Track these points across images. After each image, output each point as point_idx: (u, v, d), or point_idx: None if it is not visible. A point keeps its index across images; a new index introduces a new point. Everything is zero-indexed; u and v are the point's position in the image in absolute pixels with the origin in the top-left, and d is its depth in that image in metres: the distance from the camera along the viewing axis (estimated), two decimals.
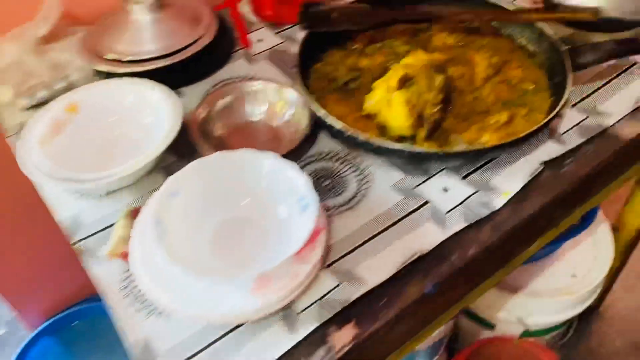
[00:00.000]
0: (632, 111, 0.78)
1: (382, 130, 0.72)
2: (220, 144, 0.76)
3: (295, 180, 0.55)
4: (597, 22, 0.80)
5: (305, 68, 0.80)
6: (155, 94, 0.71)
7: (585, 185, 0.72)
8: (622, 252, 1.26)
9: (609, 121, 0.76)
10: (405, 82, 0.72)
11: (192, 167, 0.55)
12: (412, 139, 0.71)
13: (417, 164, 0.71)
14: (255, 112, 0.80)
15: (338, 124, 0.68)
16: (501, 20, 0.84)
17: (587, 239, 1.20)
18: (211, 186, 0.56)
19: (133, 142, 0.69)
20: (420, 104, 0.70)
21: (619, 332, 1.47)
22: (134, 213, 0.61)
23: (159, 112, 0.69)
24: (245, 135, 0.78)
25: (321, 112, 0.70)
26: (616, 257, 1.19)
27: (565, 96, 0.69)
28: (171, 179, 0.54)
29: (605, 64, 0.81)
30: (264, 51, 0.94)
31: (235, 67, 0.91)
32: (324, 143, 0.76)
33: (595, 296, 1.17)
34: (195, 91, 0.84)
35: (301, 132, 0.74)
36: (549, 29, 0.80)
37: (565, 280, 1.11)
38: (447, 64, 0.78)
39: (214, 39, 0.88)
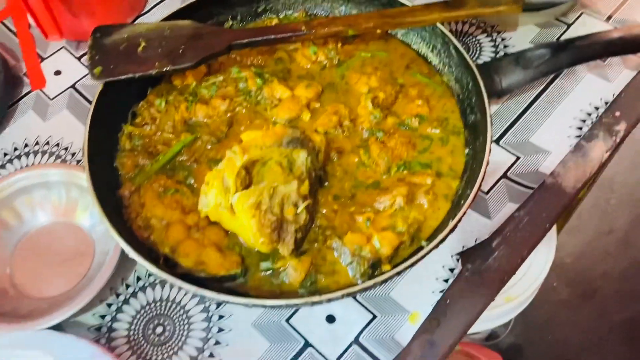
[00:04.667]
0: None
1: (233, 237, 0.49)
2: None
3: None
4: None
5: (108, 143, 0.54)
6: None
7: None
8: None
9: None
10: (249, 174, 0.47)
11: None
12: (273, 257, 0.48)
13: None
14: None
15: (150, 268, 0.44)
16: (387, 28, 0.58)
17: None
18: None
19: None
20: (275, 206, 0.46)
21: (566, 283, 1.38)
22: None
23: None
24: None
25: (127, 249, 0.45)
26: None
27: (479, 181, 0.46)
28: None
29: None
30: (63, 92, 0.65)
31: (20, 129, 0.62)
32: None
33: (533, 294, 1.02)
34: None
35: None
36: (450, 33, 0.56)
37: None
38: (312, 126, 0.54)
39: None
